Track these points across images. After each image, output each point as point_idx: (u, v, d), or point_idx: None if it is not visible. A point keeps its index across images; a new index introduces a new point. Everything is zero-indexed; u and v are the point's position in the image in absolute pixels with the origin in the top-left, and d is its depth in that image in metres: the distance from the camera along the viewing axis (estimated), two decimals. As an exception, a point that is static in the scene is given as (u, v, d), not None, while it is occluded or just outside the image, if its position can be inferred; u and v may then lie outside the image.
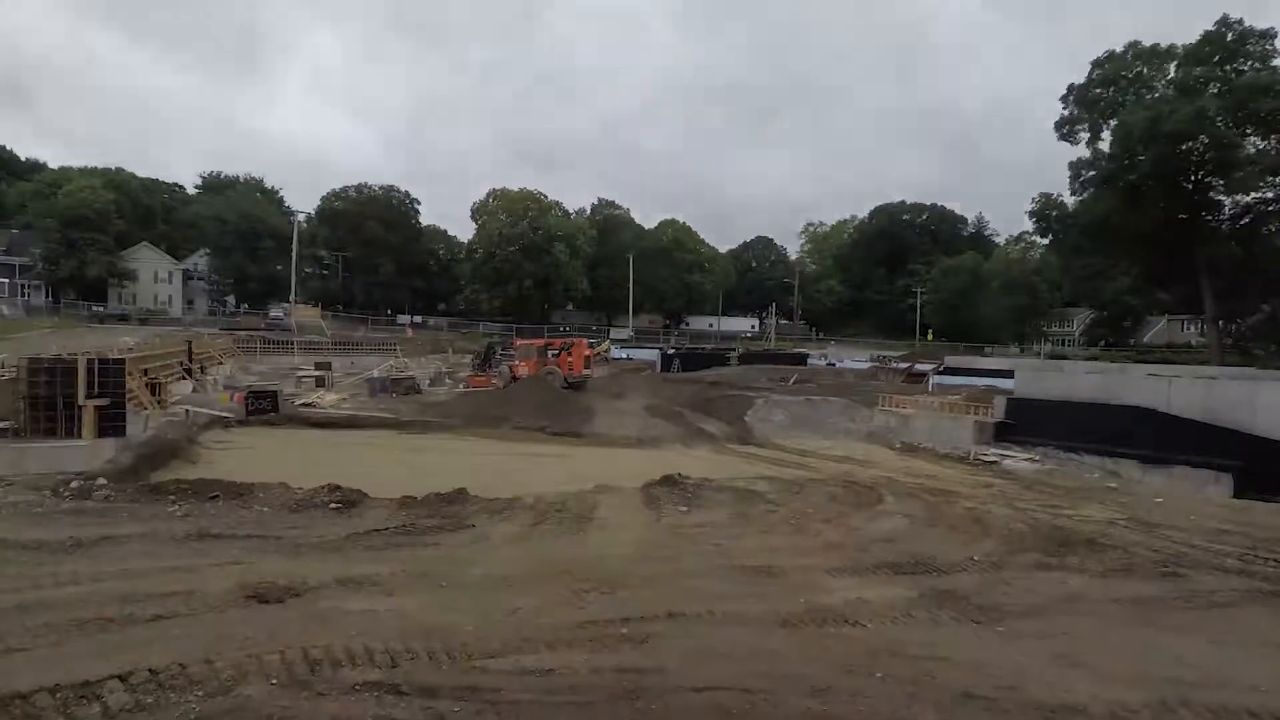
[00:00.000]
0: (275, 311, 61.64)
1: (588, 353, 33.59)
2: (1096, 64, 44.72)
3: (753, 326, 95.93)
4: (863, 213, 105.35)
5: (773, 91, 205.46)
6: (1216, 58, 39.54)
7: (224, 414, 21.55)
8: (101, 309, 58.27)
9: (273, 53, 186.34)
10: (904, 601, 7.52)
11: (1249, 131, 38.36)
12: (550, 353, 33.18)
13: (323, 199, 76.10)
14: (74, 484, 11.22)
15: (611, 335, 71.34)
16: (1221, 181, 41.15)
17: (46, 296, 59.30)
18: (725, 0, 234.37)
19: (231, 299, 71.08)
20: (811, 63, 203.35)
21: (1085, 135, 46.11)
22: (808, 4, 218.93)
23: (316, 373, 33.70)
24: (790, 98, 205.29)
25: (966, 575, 8.62)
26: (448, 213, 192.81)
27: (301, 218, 67.53)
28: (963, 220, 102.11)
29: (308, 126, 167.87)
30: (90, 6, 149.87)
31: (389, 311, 74.72)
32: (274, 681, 5.16)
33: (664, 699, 5.15)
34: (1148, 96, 41.37)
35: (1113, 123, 43.80)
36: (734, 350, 56.98)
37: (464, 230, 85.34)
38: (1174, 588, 8.43)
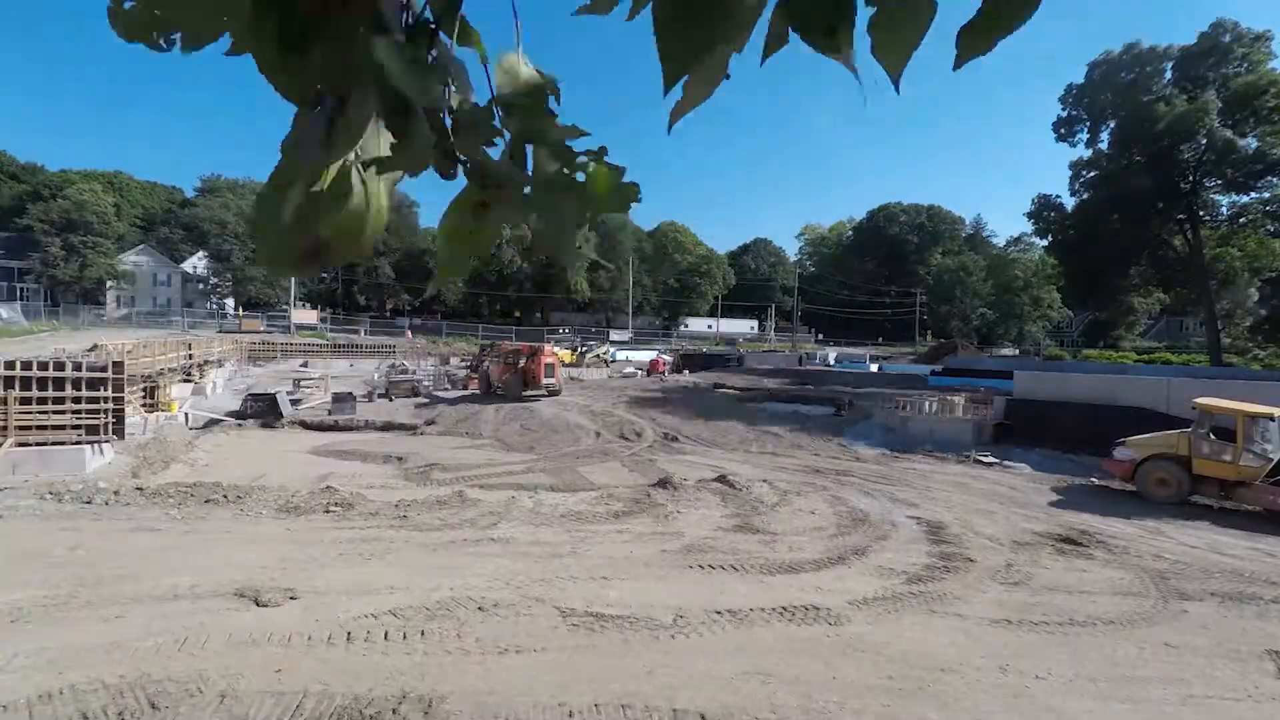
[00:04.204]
0: (279, 318, 61.68)
1: (549, 360, 29.26)
2: (1094, 65, 44.84)
3: (752, 328, 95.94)
4: (860, 214, 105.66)
5: (771, 92, 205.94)
6: (1213, 59, 39.68)
7: (222, 417, 21.55)
8: (101, 312, 58.30)
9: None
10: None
11: (1246, 132, 38.46)
12: (519, 360, 29.26)
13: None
14: (74, 487, 11.22)
15: (611, 337, 71.33)
16: (1219, 181, 41.27)
17: (46, 299, 59.23)
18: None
19: (230, 302, 71.04)
20: (806, 61, 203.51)
21: (1084, 136, 46.25)
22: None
23: (317, 377, 33.67)
24: (788, 99, 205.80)
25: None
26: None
27: (300, 220, 67.49)
28: (960, 221, 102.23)
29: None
30: (92, 6, 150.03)
31: (389, 314, 74.74)
32: (271, 685, 5.17)
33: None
34: (1145, 98, 41.46)
35: (1111, 124, 43.96)
36: (734, 353, 57.00)
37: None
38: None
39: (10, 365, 12.80)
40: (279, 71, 0.98)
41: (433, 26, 1.07)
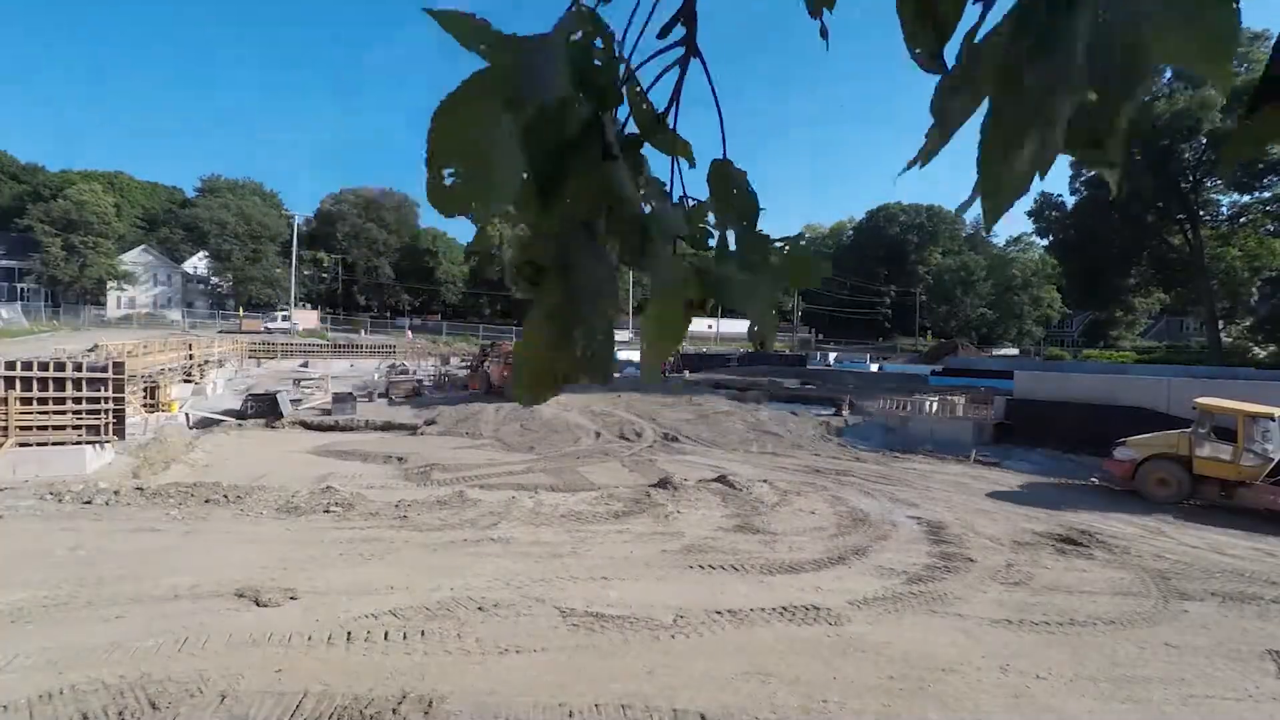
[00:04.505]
0: (276, 317, 61.70)
1: None
2: (1094, 65, 44.87)
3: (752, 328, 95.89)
4: (860, 213, 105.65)
5: (769, 91, 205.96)
6: (1214, 58, 39.72)
7: (222, 417, 21.56)
8: (102, 312, 58.36)
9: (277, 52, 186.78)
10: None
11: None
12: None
13: (322, 201, 76.52)
14: (75, 487, 11.23)
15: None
16: (1219, 180, 41.29)
17: (46, 300, 59.27)
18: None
19: (231, 302, 71.12)
20: (807, 63, 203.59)
21: (1083, 136, 46.27)
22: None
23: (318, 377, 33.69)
24: (786, 99, 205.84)
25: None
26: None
27: (300, 220, 67.62)
28: (961, 221, 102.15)
29: (307, 126, 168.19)
30: (92, 6, 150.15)
31: (388, 314, 74.82)
32: (271, 685, 5.17)
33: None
34: (1145, 97, 41.50)
35: (1111, 123, 43.99)
36: (734, 354, 57.04)
37: (464, 232, 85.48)
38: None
39: (11, 365, 12.80)
40: (539, 223, 1.08)
41: (638, 140, 1.17)
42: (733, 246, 1.24)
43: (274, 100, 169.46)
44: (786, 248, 1.26)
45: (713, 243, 1.28)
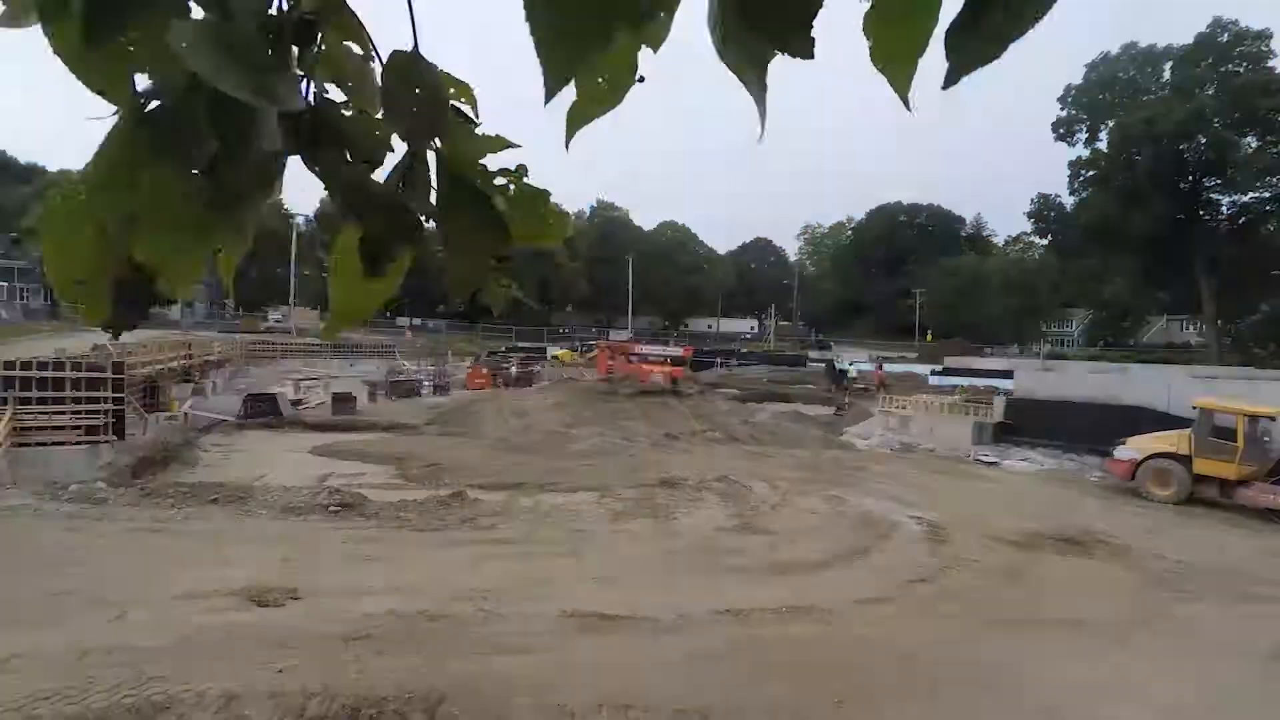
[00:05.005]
0: (275, 315, 61.70)
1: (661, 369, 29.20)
2: (1092, 66, 44.93)
3: (752, 328, 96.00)
4: (860, 214, 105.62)
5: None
6: (1211, 59, 39.71)
7: (222, 417, 21.55)
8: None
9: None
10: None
11: (1246, 131, 38.49)
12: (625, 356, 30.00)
13: (321, 201, 76.78)
14: (74, 488, 11.21)
15: (611, 337, 71.40)
16: (1219, 181, 41.31)
17: (46, 300, 59.24)
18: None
19: (230, 302, 71.07)
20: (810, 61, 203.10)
21: (1083, 136, 46.33)
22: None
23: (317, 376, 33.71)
24: (787, 96, 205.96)
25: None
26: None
27: (300, 220, 67.60)
28: (960, 221, 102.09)
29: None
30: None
31: (388, 314, 74.91)
32: (271, 685, 5.17)
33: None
34: (1144, 98, 41.51)
35: (1110, 124, 44.03)
36: (735, 354, 57.04)
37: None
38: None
39: (10, 365, 12.79)
40: (82, 60, 0.78)
41: (310, 19, 0.88)
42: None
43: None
44: (511, 184, 0.94)
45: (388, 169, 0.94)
